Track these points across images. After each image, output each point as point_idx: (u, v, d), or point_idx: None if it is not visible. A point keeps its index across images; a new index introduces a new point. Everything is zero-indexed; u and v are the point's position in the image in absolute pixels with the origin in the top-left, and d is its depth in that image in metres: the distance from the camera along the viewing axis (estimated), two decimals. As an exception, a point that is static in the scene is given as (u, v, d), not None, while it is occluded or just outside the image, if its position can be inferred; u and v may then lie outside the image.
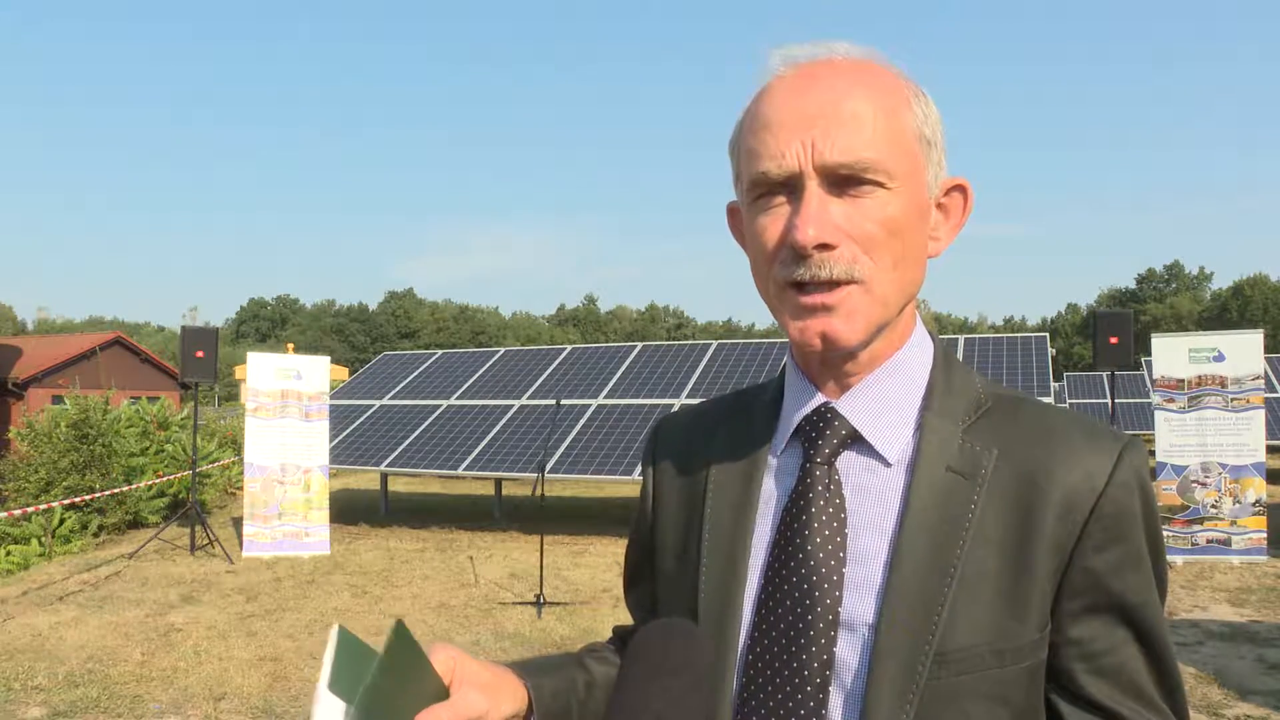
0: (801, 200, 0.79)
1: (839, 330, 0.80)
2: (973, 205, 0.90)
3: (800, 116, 0.80)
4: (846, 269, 0.79)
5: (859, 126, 0.79)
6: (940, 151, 0.86)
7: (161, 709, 4.95)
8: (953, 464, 0.83)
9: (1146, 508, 0.83)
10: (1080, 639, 0.82)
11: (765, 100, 0.84)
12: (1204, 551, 8.65)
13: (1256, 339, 9.04)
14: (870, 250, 0.80)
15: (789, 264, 0.80)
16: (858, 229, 0.79)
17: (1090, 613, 0.81)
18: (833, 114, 0.79)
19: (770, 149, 0.81)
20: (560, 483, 13.88)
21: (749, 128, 0.85)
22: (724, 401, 1.03)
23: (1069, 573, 0.81)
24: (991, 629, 0.79)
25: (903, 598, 0.79)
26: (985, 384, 0.90)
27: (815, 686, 0.80)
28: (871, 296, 0.81)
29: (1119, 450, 0.83)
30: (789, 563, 0.84)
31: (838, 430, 0.87)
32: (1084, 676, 0.82)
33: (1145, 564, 0.83)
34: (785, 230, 0.81)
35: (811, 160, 0.79)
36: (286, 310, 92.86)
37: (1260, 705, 4.89)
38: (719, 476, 0.94)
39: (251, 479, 9.44)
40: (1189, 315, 65.03)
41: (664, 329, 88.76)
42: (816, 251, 0.78)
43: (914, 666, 0.78)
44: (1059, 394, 22.43)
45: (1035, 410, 0.87)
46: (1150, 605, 0.83)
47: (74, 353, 24.53)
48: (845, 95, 0.80)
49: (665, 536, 0.98)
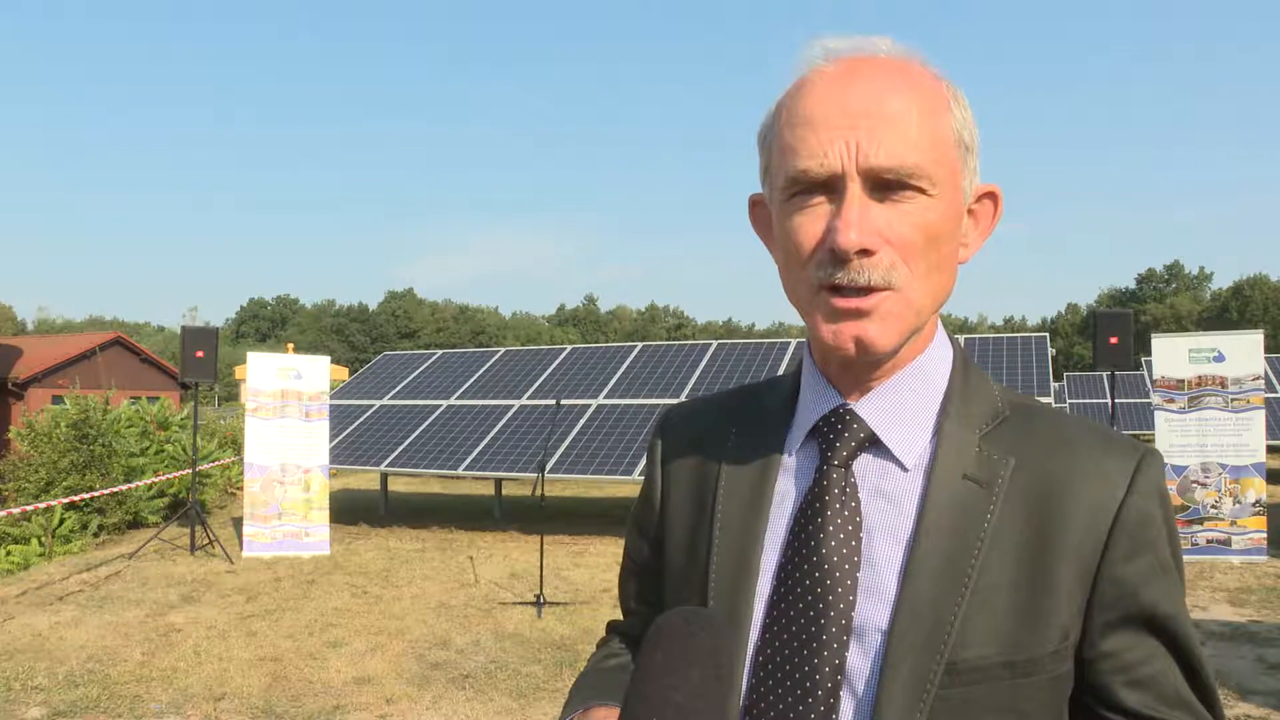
0: (843, 203, 0.77)
1: (874, 336, 0.79)
2: (1002, 212, 0.89)
3: (843, 114, 0.78)
4: (885, 275, 0.78)
5: (904, 129, 0.77)
6: (975, 156, 0.85)
7: (161, 709, 4.95)
8: (969, 472, 0.82)
9: (1168, 517, 0.82)
10: (1114, 651, 0.81)
11: (805, 94, 0.81)
12: (1204, 551, 8.64)
13: (1256, 339, 9.04)
14: (908, 257, 0.79)
15: (826, 266, 0.78)
16: (897, 235, 0.78)
17: (1123, 624, 0.80)
18: (877, 114, 0.77)
19: (811, 147, 0.78)
20: (560, 483, 13.88)
21: (787, 121, 0.82)
22: (735, 395, 1.01)
23: (1098, 584, 0.79)
24: (1005, 640, 0.78)
25: (916, 606, 0.78)
26: (1003, 391, 0.89)
27: (826, 692, 0.79)
28: (906, 303, 0.79)
29: (1138, 459, 0.82)
30: (802, 565, 0.83)
31: (856, 433, 0.85)
32: (1122, 690, 0.81)
33: (1172, 573, 0.82)
34: (825, 232, 0.78)
35: (856, 162, 0.77)
36: (286, 310, 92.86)
37: (1260, 705, 4.89)
38: (731, 473, 0.92)
39: (251, 479, 9.44)
40: (1189, 315, 65.03)
41: (664, 329, 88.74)
42: (857, 257, 0.77)
43: (925, 676, 0.77)
44: (1059, 394, 22.43)
45: (1052, 419, 0.86)
46: (1181, 616, 0.82)
47: (74, 353, 24.48)
48: (890, 94, 0.78)
49: (673, 531, 0.96)
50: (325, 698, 5.12)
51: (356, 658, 5.86)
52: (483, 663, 5.78)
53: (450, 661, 5.81)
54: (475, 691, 5.25)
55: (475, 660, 5.83)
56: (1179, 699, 0.81)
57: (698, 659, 0.70)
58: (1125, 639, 0.81)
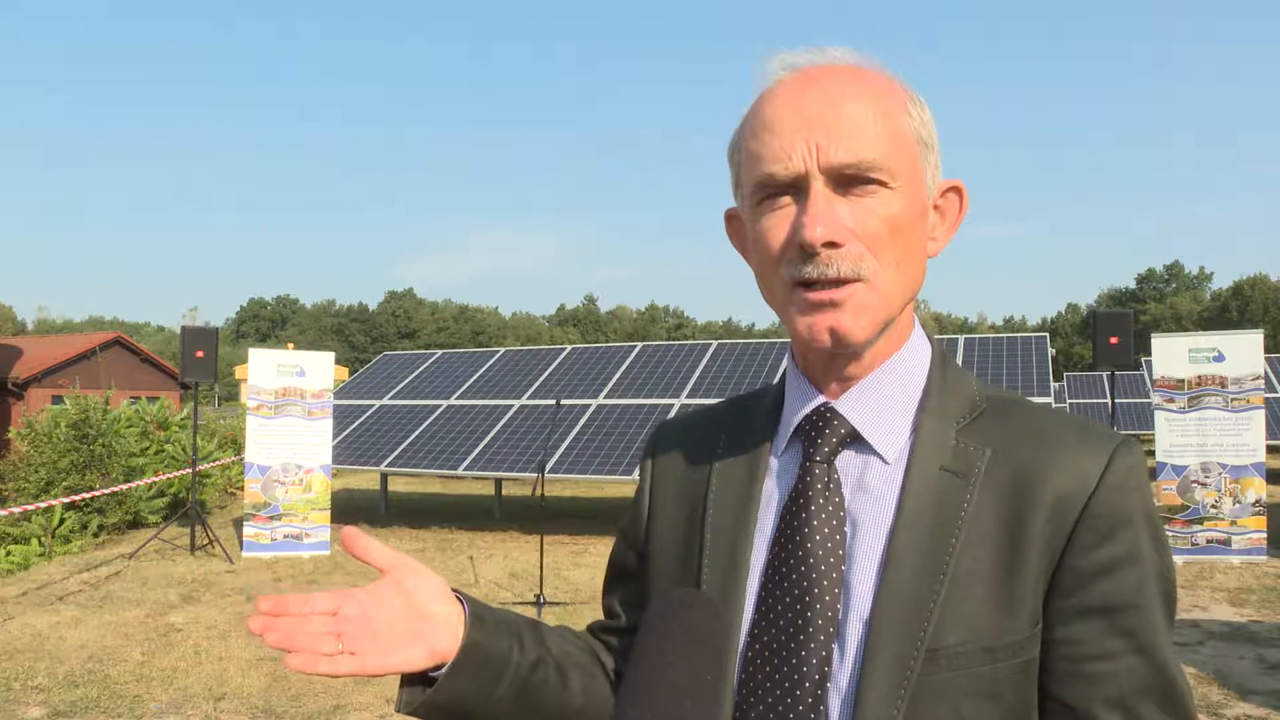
0: (808, 200, 0.81)
1: (847, 326, 0.81)
2: (968, 206, 0.92)
3: (802, 118, 0.81)
4: (853, 266, 0.80)
5: (861, 127, 0.81)
6: (936, 154, 0.89)
7: (161, 709, 4.95)
8: (946, 463, 0.84)
9: (1142, 508, 0.82)
10: (1066, 639, 0.81)
11: (766, 104, 0.85)
12: (1204, 551, 8.65)
13: (1256, 339, 9.04)
14: (875, 248, 0.81)
15: (796, 263, 0.82)
16: (862, 227, 0.81)
17: (1079, 614, 0.80)
18: (834, 115, 0.81)
19: (774, 151, 0.82)
20: (560, 483, 13.89)
21: (750, 132, 0.85)
22: (724, 407, 1.04)
23: (1058, 573, 0.80)
24: (983, 627, 0.79)
25: (895, 595, 0.80)
26: (981, 386, 0.92)
27: (814, 683, 0.81)
28: (876, 294, 0.82)
29: (1111, 450, 0.83)
30: (789, 560, 0.85)
31: (837, 430, 0.88)
32: (1065, 680, 0.81)
33: (1141, 566, 0.81)
34: (792, 230, 0.82)
35: (817, 161, 0.80)
36: (286, 310, 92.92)
37: (1260, 705, 4.89)
38: (721, 479, 0.95)
39: (252, 479, 9.44)
40: (1189, 315, 65.03)
41: (664, 329, 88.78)
42: (824, 249, 0.80)
43: (906, 663, 0.78)
44: (1059, 394, 22.44)
45: (1029, 411, 0.88)
46: (1143, 609, 0.80)
47: (74, 353, 24.48)
48: (846, 97, 0.82)
49: (663, 537, 0.98)
50: (325, 698, 5.13)
51: (356, 658, 5.86)
52: (483, 663, 5.77)
53: (450, 661, 5.81)
54: (475, 691, 5.25)
55: (475, 660, 5.83)
56: (1119, 701, 0.79)
57: (694, 641, 0.70)
58: (1078, 629, 0.80)
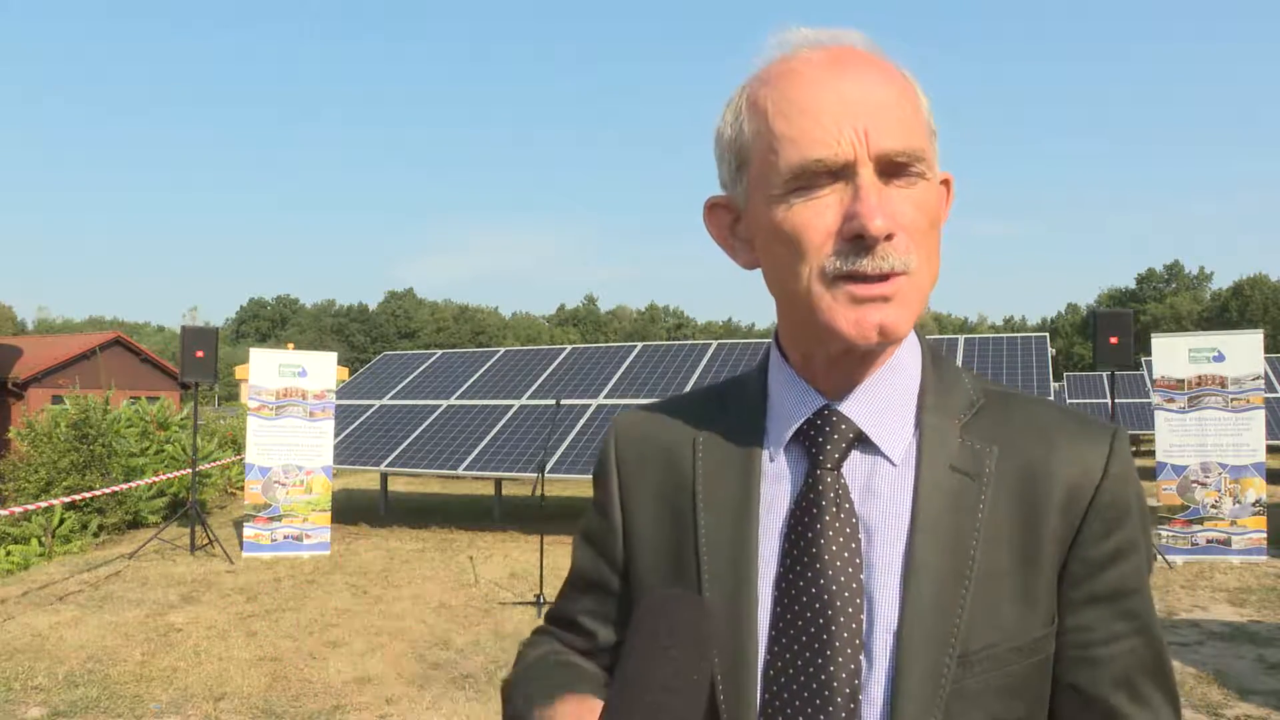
0: (859, 189, 0.76)
1: (895, 321, 0.78)
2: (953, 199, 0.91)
3: (843, 101, 0.77)
4: (904, 260, 0.77)
5: (904, 115, 0.78)
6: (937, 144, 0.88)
7: (161, 709, 4.95)
8: (955, 462, 0.83)
9: (1137, 495, 0.85)
10: (1076, 626, 0.82)
11: (792, 85, 0.79)
12: (1204, 551, 8.64)
13: (1256, 339, 9.03)
14: (917, 241, 0.79)
15: (847, 255, 0.76)
16: (908, 219, 0.78)
17: (1088, 602, 0.82)
18: (877, 101, 0.77)
19: (817, 136, 0.76)
20: (560, 483, 13.86)
21: (778, 113, 0.79)
22: (693, 399, 0.97)
23: (1069, 564, 0.82)
24: (1010, 627, 0.79)
25: (922, 604, 0.79)
26: (973, 380, 0.90)
27: (845, 698, 0.78)
28: (917, 287, 0.79)
29: (1110, 440, 0.84)
30: (805, 574, 0.82)
31: (845, 433, 0.84)
32: (1076, 666, 0.83)
33: (1139, 551, 0.84)
34: (844, 220, 0.76)
35: (868, 147, 0.76)
36: (286, 310, 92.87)
37: (1260, 705, 4.89)
38: (708, 484, 0.89)
39: (253, 479, 9.43)
40: (1189, 315, 65.01)
41: (664, 329, 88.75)
42: (883, 242, 0.76)
43: (939, 672, 0.77)
44: (1059, 394, 22.41)
45: (1027, 405, 0.88)
46: (1143, 593, 0.84)
47: (74, 353, 24.46)
48: (882, 83, 0.79)
49: (643, 550, 0.92)
50: (325, 698, 5.13)
51: (356, 658, 5.86)
52: (483, 663, 5.78)
53: (450, 661, 5.81)
54: (475, 691, 5.26)
55: (475, 660, 5.84)
56: (1125, 680, 0.82)
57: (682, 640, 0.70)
58: (1088, 616, 0.82)
